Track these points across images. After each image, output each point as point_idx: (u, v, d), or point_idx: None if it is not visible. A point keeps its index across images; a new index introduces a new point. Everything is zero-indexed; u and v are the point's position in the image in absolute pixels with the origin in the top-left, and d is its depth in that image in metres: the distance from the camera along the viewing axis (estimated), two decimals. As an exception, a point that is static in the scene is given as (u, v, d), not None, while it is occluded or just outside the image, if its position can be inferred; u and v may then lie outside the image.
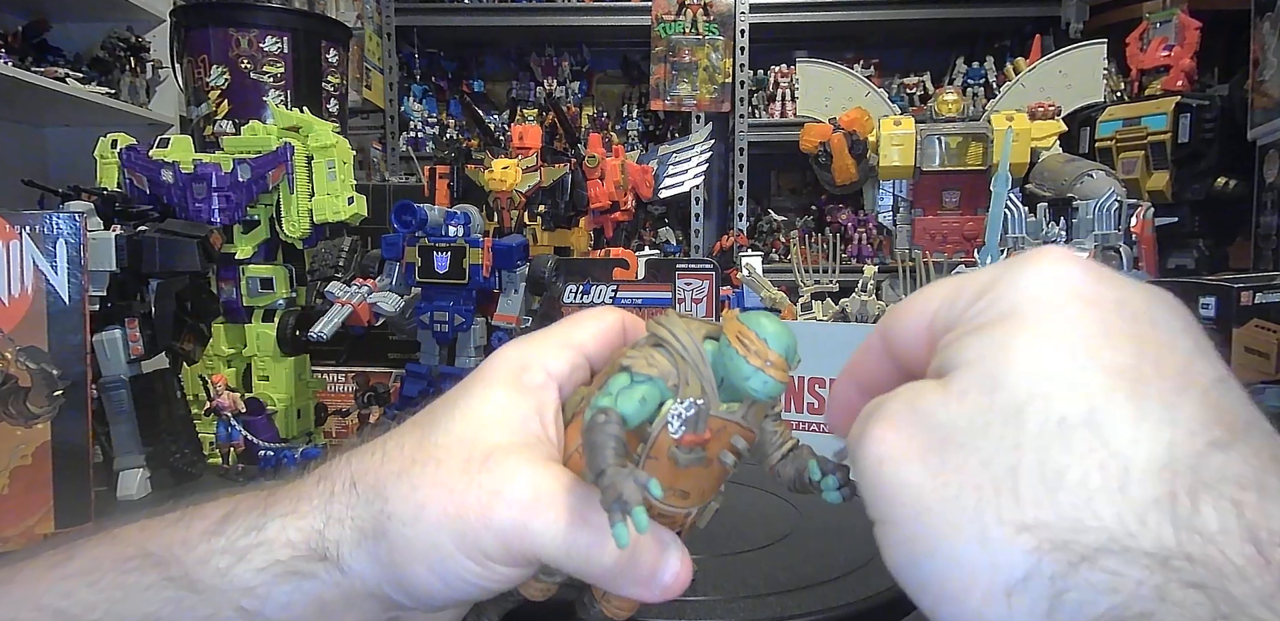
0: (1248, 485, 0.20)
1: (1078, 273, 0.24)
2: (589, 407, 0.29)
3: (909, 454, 0.24)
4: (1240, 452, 0.21)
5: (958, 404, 0.24)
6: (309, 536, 0.31)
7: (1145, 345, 0.23)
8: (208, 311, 0.94)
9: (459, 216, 0.88)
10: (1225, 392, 0.23)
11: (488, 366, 0.34)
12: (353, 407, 1.03)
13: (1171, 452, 0.21)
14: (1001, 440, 0.22)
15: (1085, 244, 1.05)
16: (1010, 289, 0.25)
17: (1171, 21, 1.99)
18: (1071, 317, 0.23)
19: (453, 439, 0.31)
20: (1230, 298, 0.74)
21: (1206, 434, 0.21)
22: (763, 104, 3.23)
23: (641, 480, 0.26)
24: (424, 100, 3.37)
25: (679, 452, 0.29)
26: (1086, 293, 0.24)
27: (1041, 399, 0.22)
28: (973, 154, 1.54)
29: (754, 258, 1.52)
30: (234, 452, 0.93)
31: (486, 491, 0.29)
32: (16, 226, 0.72)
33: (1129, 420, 0.21)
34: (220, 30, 1.92)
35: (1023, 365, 0.23)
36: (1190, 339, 0.24)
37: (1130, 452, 0.21)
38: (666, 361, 0.30)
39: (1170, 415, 0.21)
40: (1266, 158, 1.91)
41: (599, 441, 0.27)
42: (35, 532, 0.72)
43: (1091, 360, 0.22)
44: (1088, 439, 0.21)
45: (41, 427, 0.72)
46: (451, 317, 0.88)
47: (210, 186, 0.94)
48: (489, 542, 0.29)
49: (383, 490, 0.31)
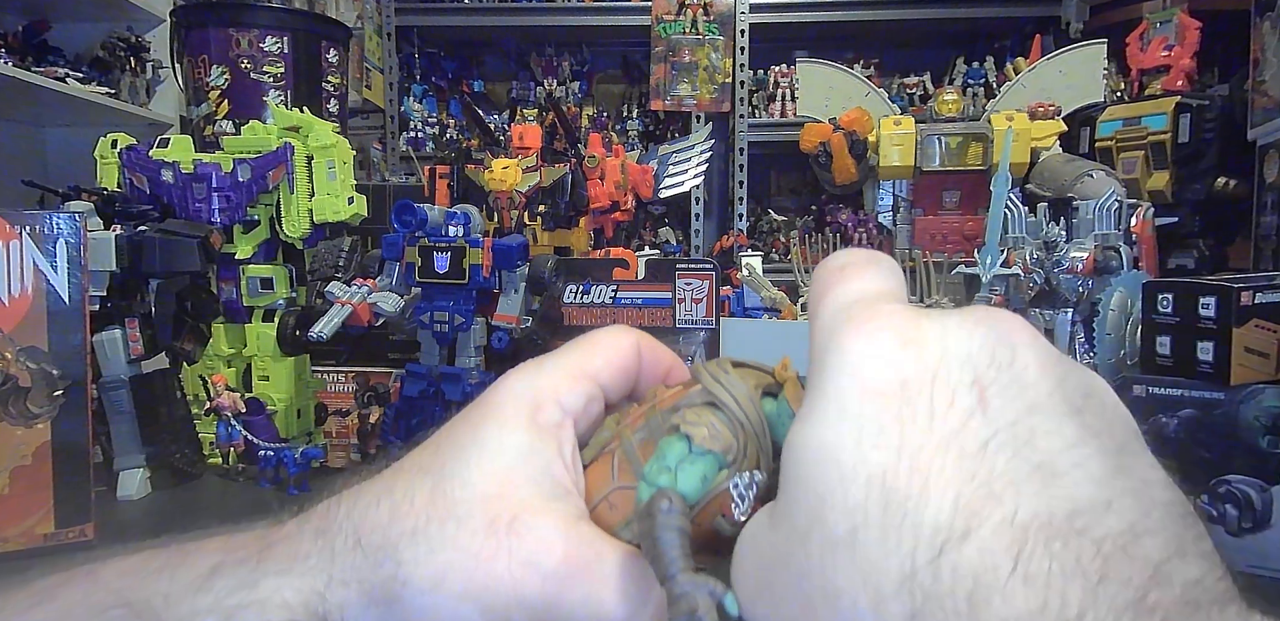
0: (976, 588, 0.20)
1: (877, 351, 0.23)
2: (643, 480, 0.27)
3: (754, 591, 0.25)
4: (977, 546, 0.20)
5: (773, 534, 0.24)
6: (308, 598, 0.29)
7: (909, 434, 0.22)
8: (208, 311, 0.94)
9: (459, 216, 0.88)
10: (994, 475, 0.22)
11: (495, 401, 0.31)
12: (353, 407, 1.03)
13: (913, 563, 0.21)
14: (800, 568, 0.23)
15: (1085, 244, 1.05)
16: (818, 368, 0.25)
17: (1171, 21, 1.99)
18: (851, 415, 0.23)
19: (472, 493, 0.29)
20: (1230, 298, 0.73)
21: (945, 533, 0.21)
22: (763, 104, 3.23)
23: (718, 595, 0.24)
24: (424, 100, 3.37)
25: (725, 525, 0.27)
26: (873, 382, 0.23)
27: (818, 523, 0.22)
28: (973, 154, 1.54)
29: (754, 258, 1.52)
30: (234, 452, 0.93)
31: (518, 561, 0.27)
32: (16, 226, 0.72)
33: (877, 536, 0.21)
34: (220, 30, 1.93)
35: (807, 484, 0.23)
36: (959, 416, 0.22)
37: (883, 568, 0.21)
38: (728, 431, 0.27)
39: (913, 520, 0.21)
40: (1266, 158, 1.91)
41: (665, 539, 0.25)
42: (35, 532, 0.72)
43: (856, 467, 0.22)
44: (849, 560, 0.22)
45: (41, 427, 0.72)
46: (451, 317, 0.88)
47: (210, 186, 0.94)
48: (518, 616, 0.28)
49: (394, 552, 0.29)
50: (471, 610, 0.28)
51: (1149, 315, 0.82)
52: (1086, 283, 1.04)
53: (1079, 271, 1.04)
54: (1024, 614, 0.19)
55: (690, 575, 0.25)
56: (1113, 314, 0.98)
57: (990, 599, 0.20)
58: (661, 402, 0.30)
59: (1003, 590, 0.20)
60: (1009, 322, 0.24)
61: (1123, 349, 0.98)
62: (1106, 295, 0.99)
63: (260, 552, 0.30)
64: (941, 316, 0.24)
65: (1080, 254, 1.04)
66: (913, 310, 0.25)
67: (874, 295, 0.26)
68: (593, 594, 0.27)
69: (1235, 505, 0.71)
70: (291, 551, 0.30)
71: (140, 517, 0.84)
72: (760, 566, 0.25)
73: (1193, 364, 0.76)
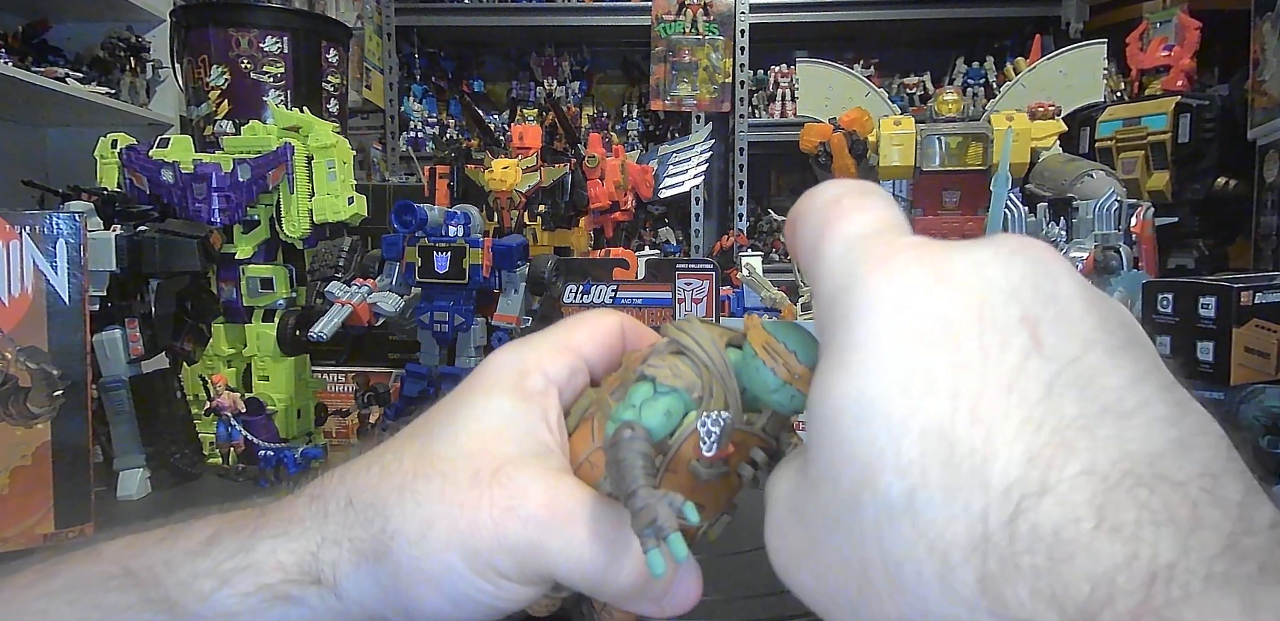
0: (1057, 544, 0.19)
1: (911, 291, 0.21)
2: (610, 420, 0.28)
3: (797, 556, 0.24)
4: (1057, 500, 0.19)
5: (814, 496, 0.23)
6: (302, 559, 0.29)
7: (964, 379, 0.20)
8: (208, 311, 0.94)
9: (459, 216, 0.88)
10: (1067, 424, 0.20)
11: (484, 372, 0.32)
12: (353, 407, 1.03)
13: (985, 526, 0.19)
14: (850, 535, 0.21)
15: (1085, 244, 1.05)
16: (839, 315, 0.22)
17: (1171, 21, 1.99)
18: (894, 363, 0.21)
19: (458, 451, 0.30)
20: (1230, 298, 0.73)
21: (1020, 489, 0.19)
22: (763, 104, 3.23)
23: (677, 504, 0.25)
24: (424, 100, 3.37)
25: (701, 467, 0.28)
26: (912, 324, 0.21)
27: (869, 488, 0.21)
28: (973, 154, 1.54)
29: (754, 258, 1.52)
30: (234, 452, 0.93)
31: (500, 508, 0.28)
32: (16, 226, 0.72)
33: (940, 498, 0.20)
34: (220, 30, 1.93)
35: (848, 442, 0.21)
36: (1021, 349, 0.21)
37: (948, 536, 0.19)
38: (692, 372, 0.28)
39: (981, 478, 0.19)
40: (1266, 158, 1.91)
41: (627, 459, 0.26)
42: (35, 532, 0.72)
43: (907, 421, 0.20)
44: (910, 527, 0.20)
45: (41, 427, 0.72)
46: (451, 317, 0.88)
47: (210, 186, 0.94)
48: (503, 561, 0.28)
49: (383, 508, 0.29)
50: (456, 558, 0.28)
51: (1149, 315, 0.82)
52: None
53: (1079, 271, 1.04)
54: (1111, 568, 0.18)
55: (650, 490, 0.25)
56: (1113, 314, 0.98)
57: (1074, 555, 0.18)
58: (633, 362, 0.31)
59: (1089, 545, 0.18)
60: (1044, 251, 0.22)
61: (1123, 349, 0.98)
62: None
63: (257, 519, 0.31)
64: (971, 248, 0.22)
65: (1080, 254, 1.04)
66: (937, 243, 0.23)
67: (885, 227, 0.24)
68: (573, 540, 0.27)
69: (1235, 505, 0.71)
70: (287, 516, 0.31)
71: (140, 517, 0.84)
72: (801, 532, 0.23)
73: (1193, 364, 0.76)
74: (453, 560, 0.28)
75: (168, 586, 0.30)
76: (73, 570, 0.31)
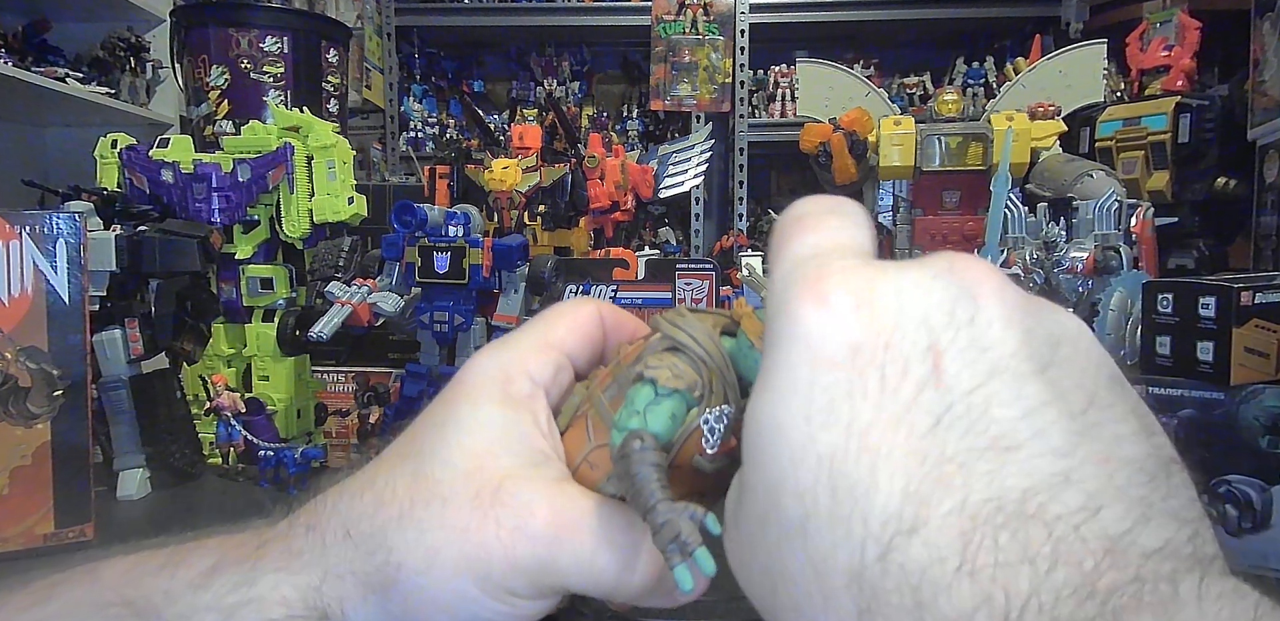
0: (922, 585, 0.19)
1: (827, 317, 0.21)
2: (614, 428, 0.27)
3: (737, 558, 0.24)
4: (924, 540, 0.19)
5: (744, 506, 0.23)
6: (305, 594, 0.29)
7: (859, 410, 0.20)
8: (208, 311, 0.94)
9: (459, 216, 0.88)
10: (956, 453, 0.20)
11: (467, 380, 0.31)
12: (353, 407, 1.03)
13: (862, 558, 0.19)
14: (764, 547, 0.22)
15: (1085, 244, 1.05)
16: (772, 337, 0.23)
17: (1171, 21, 1.99)
18: (802, 389, 0.21)
19: (454, 472, 0.29)
20: (1230, 298, 0.73)
21: (894, 525, 0.19)
22: (763, 104, 3.23)
23: (698, 517, 0.24)
24: (424, 100, 3.37)
25: (704, 462, 0.28)
26: (824, 351, 0.21)
27: (775, 508, 0.21)
28: (973, 154, 1.54)
29: (754, 258, 1.52)
30: (234, 452, 0.93)
31: (506, 528, 0.27)
32: (16, 226, 0.72)
33: (826, 527, 0.20)
34: (220, 30, 1.93)
35: (762, 464, 0.22)
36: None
37: (830, 564, 0.20)
38: (691, 370, 0.28)
39: (862, 510, 0.20)
40: (1266, 158, 1.91)
41: (641, 473, 0.25)
42: (35, 532, 0.72)
43: (806, 448, 0.21)
44: (803, 550, 0.21)
45: (41, 427, 0.72)
46: (451, 317, 0.88)
47: (210, 186, 0.94)
48: (516, 581, 0.28)
49: (384, 538, 0.28)
50: (468, 583, 0.28)
51: (1149, 315, 0.82)
52: (1086, 283, 1.04)
53: (1079, 271, 1.04)
54: (969, 610, 0.18)
55: (669, 504, 0.25)
56: (1112, 314, 0.98)
57: (936, 597, 0.18)
58: (625, 358, 0.30)
59: (948, 587, 0.18)
60: (973, 271, 0.22)
61: (1122, 349, 0.98)
62: (1106, 295, 0.99)
63: (257, 550, 0.30)
64: (900, 270, 0.22)
65: (1080, 254, 1.04)
66: (870, 265, 0.22)
67: (830, 249, 0.24)
68: (583, 550, 0.27)
69: (1235, 505, 0.71)
70: (285, 548, 0.30)
71: (140, 517, 0.84)
72: (736, 536, 0.24)
73: (1193, 364, 0.76)
74: (465, 586, 0.28)
75: (167, 619, 0.29)
76: (71, 594, 0.30)
